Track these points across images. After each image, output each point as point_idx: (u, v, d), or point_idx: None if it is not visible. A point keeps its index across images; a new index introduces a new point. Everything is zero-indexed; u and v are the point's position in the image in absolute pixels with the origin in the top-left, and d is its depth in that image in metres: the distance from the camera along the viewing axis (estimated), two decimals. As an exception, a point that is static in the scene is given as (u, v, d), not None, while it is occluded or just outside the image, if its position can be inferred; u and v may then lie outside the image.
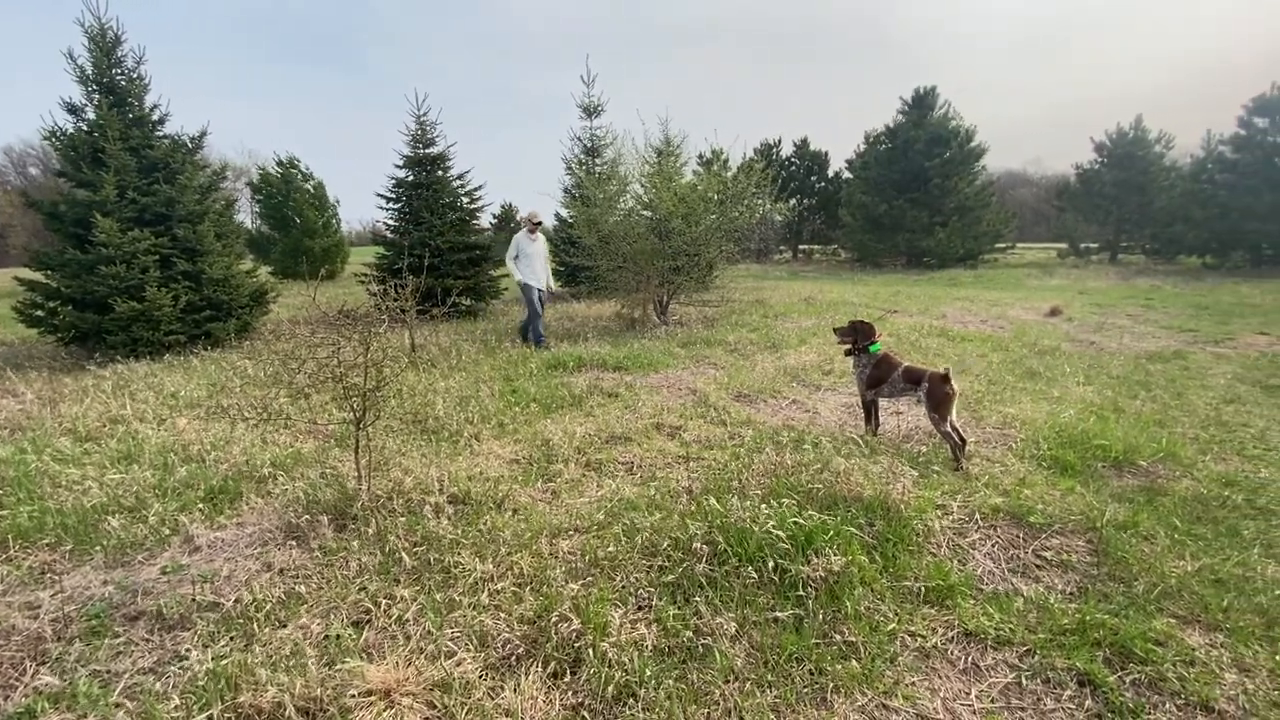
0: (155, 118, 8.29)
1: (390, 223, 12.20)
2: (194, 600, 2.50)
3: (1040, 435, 4.23)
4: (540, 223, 8.30)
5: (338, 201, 22.69)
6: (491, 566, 2.61)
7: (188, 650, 2.21)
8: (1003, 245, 24.94)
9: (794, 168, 32.38)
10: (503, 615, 2.32)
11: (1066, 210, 26.73)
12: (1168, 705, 1.98)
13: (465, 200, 12.24)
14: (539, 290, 8.10)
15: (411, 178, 11.89)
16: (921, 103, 23.63)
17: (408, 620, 2.33)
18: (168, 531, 3.09)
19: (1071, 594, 2.57)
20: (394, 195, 11.96)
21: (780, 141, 32.76)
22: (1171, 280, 17.00)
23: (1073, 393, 5.50)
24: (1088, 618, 2.33)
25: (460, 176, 12.25)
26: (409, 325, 7.39)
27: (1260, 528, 3.10)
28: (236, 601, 2.51)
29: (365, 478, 3.34)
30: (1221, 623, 2.34)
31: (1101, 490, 3.49)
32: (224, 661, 2.09)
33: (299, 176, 21.28)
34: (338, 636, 2.25)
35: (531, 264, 8.05)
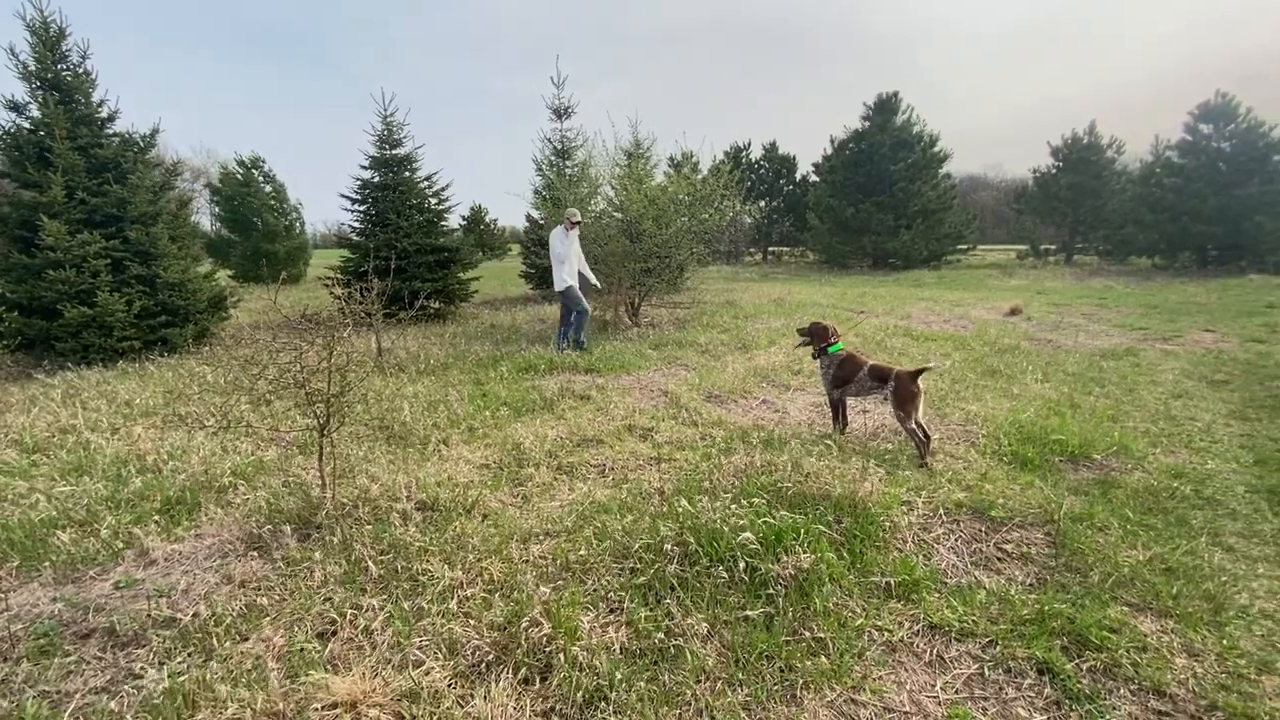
0: (104, 115, 7.97)
1: (355, 225, 11.97)
2: (149, 616, 2.41)
3: (1001, 431, 4.35)
4: (579, 221, 7.98)
5: (301, 203, 22.17)
6: (461, 573, 2.58)
7: (143, 668, 2.13)
8: (964, 247, 25.61)
9: (763, 171, 32.77)
10: (472, 622, 2.29)
11: (1025, 213, 27.65)
12: (1122, 691, 2.06)
13: (433, 201, 12.07)
14: (575, 285, 7.80)
15: (378, 179, 11.67)
16: (885, 108, 24.14)
17: (374, 630, 2.29)
18: (121, 545, 2.98)
19: (1031, 585, 2.65)
20: (359, 197, 11.74)
21: (749, 145, 33.15)
22: (1123, 280, 17.68)
23: (1031, 390, 5.68)
24: (1046, 608, 2.41)
25: (428, 178, 12.08)
26: (375, 329, 7.26)
27: (1207, 517, 3.24)
28: (194, 616, 2.43)
29: (330, 485, 3.27)
30: (1172, 609, 2.44)
31: (1059, 484, 3.60)
32: (181, 678, 2.01)
33: (260, 177, 20.71)
34: (301, 649, 2.20)
35: (570, 263, 7.76)
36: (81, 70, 7.78)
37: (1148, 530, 3.06)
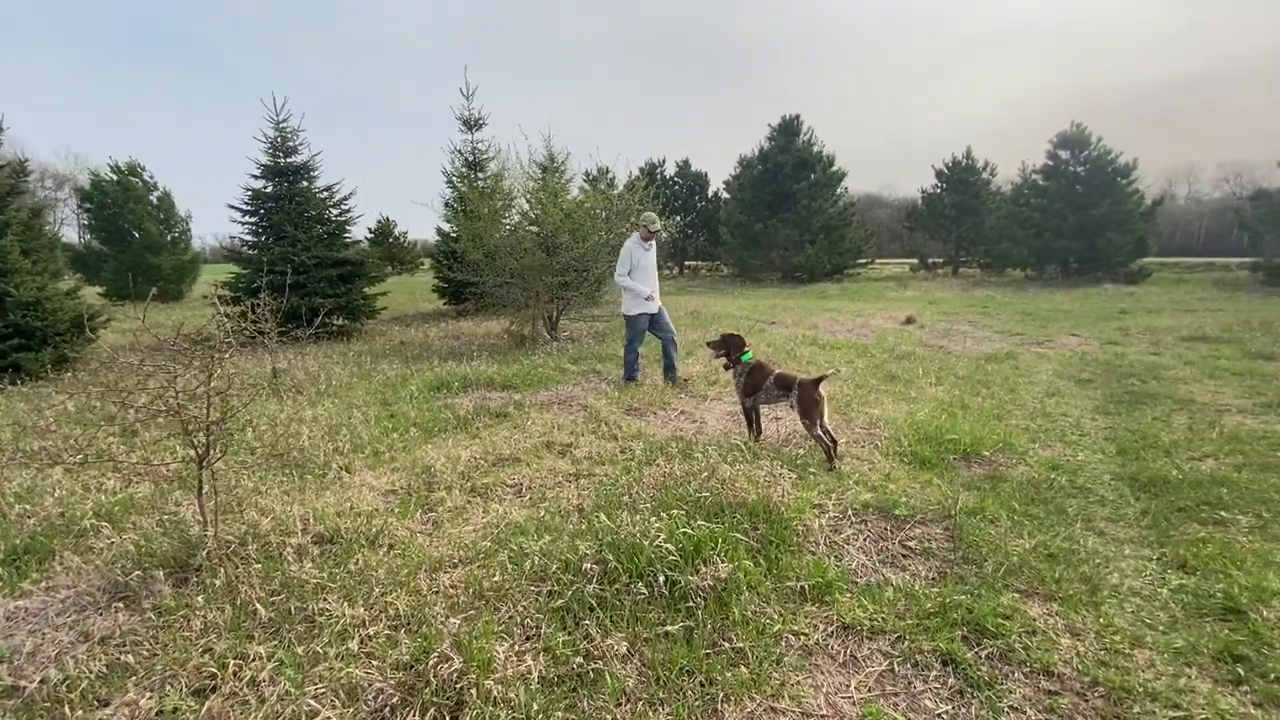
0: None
1: (247, 238, 11.15)
2: (-19, 688, 2.07)
3: (901, 433, 4.60)
4: (657, 230, 6.57)
5: (189, 215, 20.41)
6: (363, 610, 2.39)
7: (-31, 752, 1.81)
8: (864, 261, 27.24)
9: (677, 187, 33.51)
10: (375, 663, 2.12)
11: (915, 229, 29.96)
12: (1016, 674, 2.18)
13: (334, 213, 11.47)
14: (648, 316, 6.55)
15: (271, 189, 10.95)
16: (788, 129, 25.38)
17: (262, 681, 2.07)
18: (-53, 607, 2.55)
19: (933, 579, 2.78)
20: (250, 207, 10.96)
21: (664, 161, 33.81)
22: (1002, 290, 19.40)
23: (927, 393, 6.06)
24: (947, 600, 2.53)
25: (328, 188, 11.47)
26: (269, 349, 6.75)
27: (1081, 504, 3.55)
28: (43, 682, 2.11)
29: (212, 522, 2.96)
30: (1055, 593, 2.63)
31: (954, 480, 3.84)
32: (19, 760, 1.73)
33: (140, 185, 18.88)
34: (175, 710, 1.95)
35: (646, 279, 6.51)
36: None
37: (1032, 520, 3.31)
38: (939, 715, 2.02)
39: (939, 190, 28.75)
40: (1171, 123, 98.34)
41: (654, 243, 6.61)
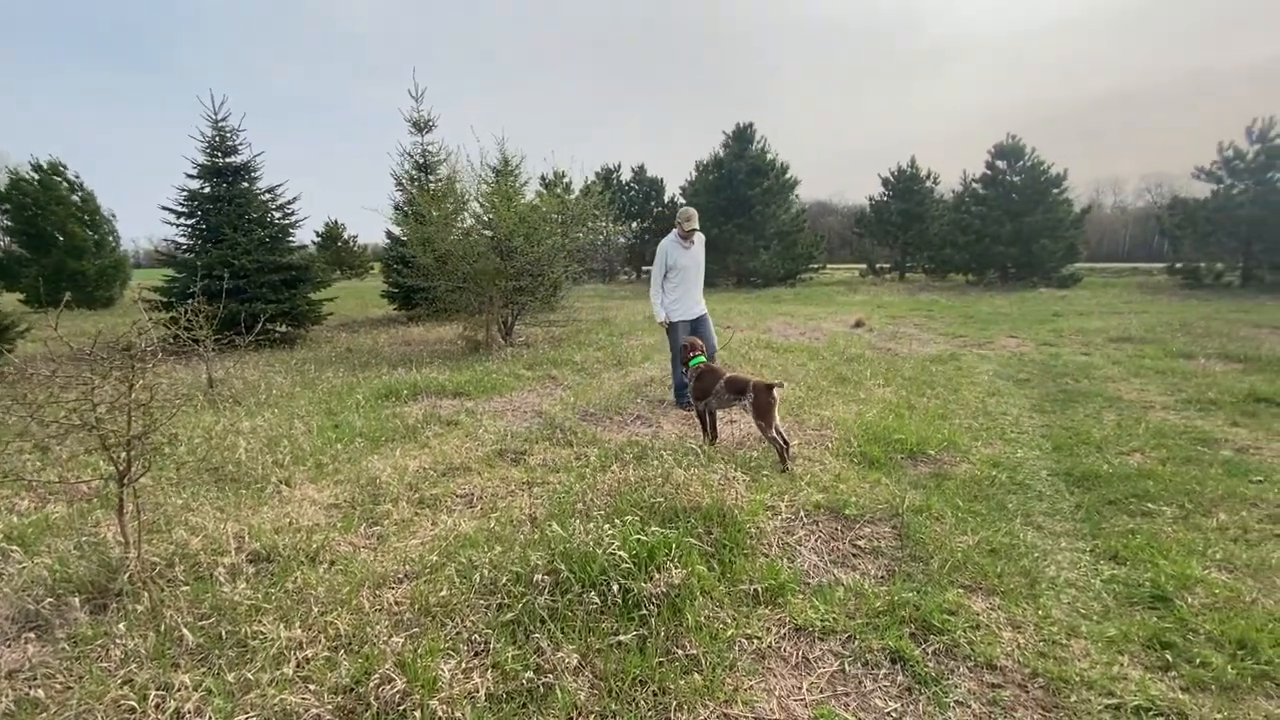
0: None
1: (182, 240, 10.61)
2: None
3: (851, 434, 4.69)
4: (693, 229, 5.51)
5: (114, 215, 19.29)
6: (300, 632, 2.27)
7: None
8: (815, 266, 27.86)
9: (633, 192, 33.59)
10: (311, 688, 2.01)
11: (864, 235, 30.85)
12: (961, 669, 2.23)
13: (278, 215, 11.03)
14: (689, 323, 5.64)
15: (209, 189, 10.46)
16: (742, 136, 25.78)
17: (187, 713, 1.93)
18: None
19: (882, 577, 2.83)
20: (186, 209, 10.43)
21: (619, 166, 33.84)
22: (946, 295, 20.14)
23: (875, 394, 6.21)
24: (895, 598, 2.58)
25: (271, 189, 11.02)
26: (205, 357, 6.42)
27: (1020, 500, 3.68)
28: (-66, 727, 1.92)
29: (135, 543, 2.77)
30: (997, 587, 2.71)
31: (902, 479, 3.93)
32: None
33: (64, 185, 17.74)
34: (87, 749, 1.80)
35: (686, 284, 5.60)
36: None
37: (975, 516, 3.41)
38: (888, 713, 2.04)
39: (886, 198, 29.70)
40: (1104, 136, 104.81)
41: (697, 242, 5.59)
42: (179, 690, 2.02)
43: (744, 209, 24.92)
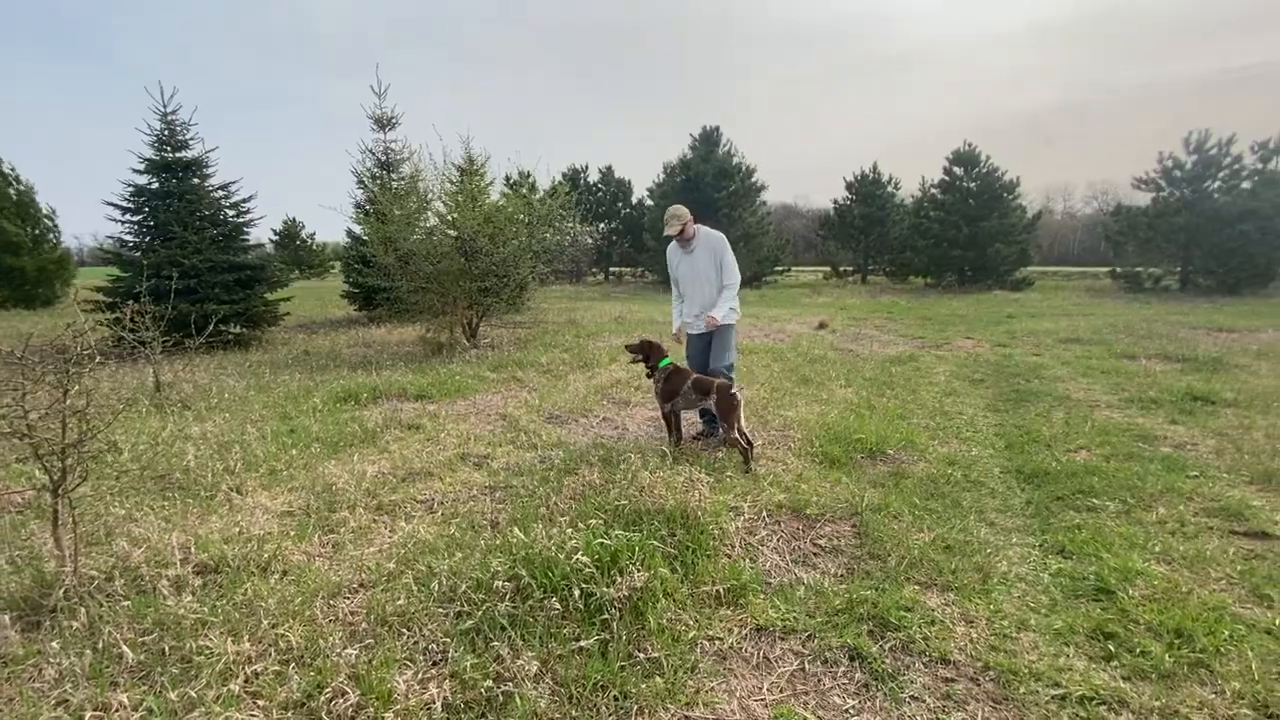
0: None
1: (128, 238, 10.17)
2: None
3: (813, 434, 4.77)
4: (673, 232, 4.75)
5: (54, 211, 18.34)
6: (249, 646, 2.19)
7: None
8: (781, 269, 28.30)
9: (601, 194, 33.54)
10: (260, 704, 1.94)
11: (828, 239, 31.44)
12: (917, 665, 2.28)
13: (231, 213, 10.66)
14: (693, 334, 4.94)
15: (157, 185, 10.05)
16: (709, 139, 26.02)
17: (125, 734, 1.84)
18: None
19: (841, 576, 2.88)
20: (132, 205, 10.00)
21: (587, 168, 33.75)
22: (906, 297, 20.66)
23: (837, 394, 6.32)
24: (854, 596, 2.62)
25: (224, 186, 10.64)
26: (152, 360, 6.16)
27: (974, 497, 3.79)
28: None
29: (72, 556, 2.64)
30: (951, 583, 2.78)
31: (861, 478, 4.01)
32: None
33: (-3, 179, 16.81)
34: (14, 777, 1.70)
35: (686, 294, 4.95)
36: None
37: (931, 514, 3.49)
38: (846, 711, 2.07)
39: (849, 202, 30.33)
40: (1057, 144, 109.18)
41: (701, 246, 4.80)
42: (117, 710, 1.93)
43: (711, 211, 25.09)
